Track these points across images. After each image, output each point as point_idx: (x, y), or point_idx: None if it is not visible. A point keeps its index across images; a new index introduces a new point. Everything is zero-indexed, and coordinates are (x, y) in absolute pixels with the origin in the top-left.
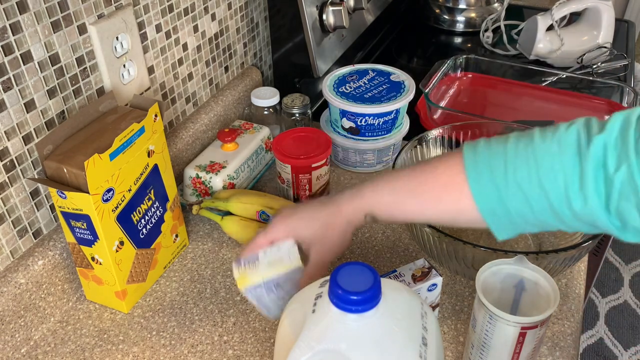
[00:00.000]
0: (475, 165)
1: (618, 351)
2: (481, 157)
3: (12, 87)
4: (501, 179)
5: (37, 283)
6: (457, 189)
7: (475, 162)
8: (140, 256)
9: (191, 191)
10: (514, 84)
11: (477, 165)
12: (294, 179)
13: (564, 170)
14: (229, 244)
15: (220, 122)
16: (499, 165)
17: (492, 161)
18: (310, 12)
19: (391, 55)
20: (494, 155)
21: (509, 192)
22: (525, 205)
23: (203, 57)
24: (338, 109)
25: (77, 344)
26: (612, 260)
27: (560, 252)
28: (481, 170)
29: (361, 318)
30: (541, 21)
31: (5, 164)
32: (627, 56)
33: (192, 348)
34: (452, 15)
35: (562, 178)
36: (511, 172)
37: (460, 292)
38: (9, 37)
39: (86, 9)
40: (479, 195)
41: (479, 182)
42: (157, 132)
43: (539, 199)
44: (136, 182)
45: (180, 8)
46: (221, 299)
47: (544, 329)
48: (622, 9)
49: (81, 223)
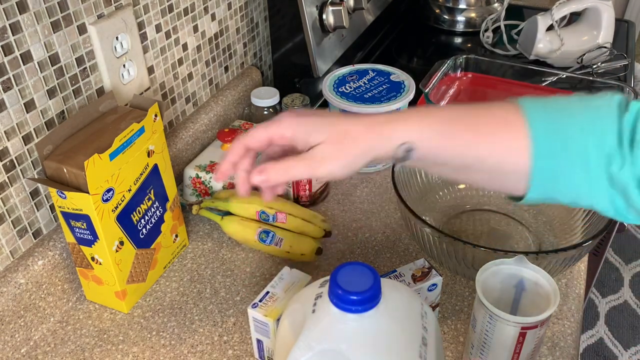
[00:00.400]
0: (536, 111)
1: (618, 351)
2: (541, 105)
3: (12, 87)
4: (559, 125)
5: (37, 283)
6: (514, 127)
7: (535, 108)
8: (140, 256)
9: (191, 191)
10: (514, 84)
11: (538, 111)
12: None
13: (611, 131)
14: (229, 244)
15: (220, 122)
16: (557, 114)
17: (551, 110)
18: (310, 12)
19: (391, 55)
20: (553, 105)
21: (566, 141)
22: (578, 157)
23: (203, 57)
24: (338, 109)
25: (77, 344)
26: (612, 260)
27: (560, 252)
28: (541, 115)
29: (361, 318)
30: (541, 21)
31: (5, 164)
32: (627, 56)
33: (192, 348)
34: (452, 15)
35: (611, 138)
36: (568, 122)
37: (460, 292)
38: (9, 37)
39: (86, 9)
40: (537, 136)
41: (538, 123)
42: (157, 132)
43: (589, 154)
44: (136, 182)
45: (180, 8)
46: (221, 299)
47: (544, 329)
48: (622, 9)
49: (81, 223)
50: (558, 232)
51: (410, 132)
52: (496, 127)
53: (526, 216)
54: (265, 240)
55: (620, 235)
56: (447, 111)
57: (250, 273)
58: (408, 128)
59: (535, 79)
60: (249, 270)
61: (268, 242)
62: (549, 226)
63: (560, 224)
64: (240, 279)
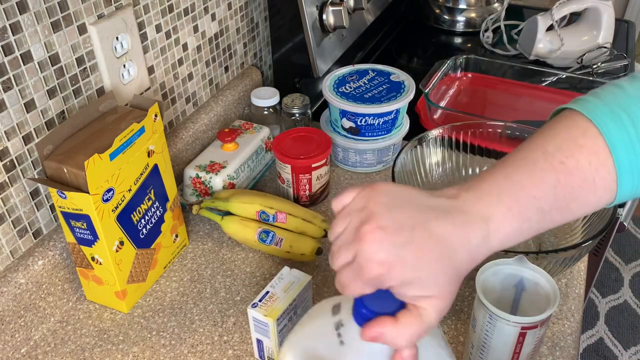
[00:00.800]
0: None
1: (618, 351)
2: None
3: (12, 87)
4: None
5: (37, 283)
6: (606, 185)
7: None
8: (140, 256)
9: (191, 191)
10: (513, 84)
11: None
12: (294, 179)
13: None
14: (229, 244)
15: (220, 122)
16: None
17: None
18: (310, 12)
19: (391, 55)
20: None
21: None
22: None
23: (203, 57)
24: (338, 109)
25: (77, 344)
26: (612, 260)
27: (560, 252)
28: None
29: None
30: (541, 21)
31: (5, 164)
32: (627, 56)
33: (192, 348)
34: (452, 15)
35: None
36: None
37: (460, 292)
38: (9, 37)
39: (86, 9)
40: (621, 167)
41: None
42: (157, 132)
43: None
44: (136, 182)
45: (180, 8)
46: (221, 299)
47: (544, 329)
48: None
49: (81, 223)
50: (558, 232)
51: (499, 240)
52: (585, 191)
53: None
54: (265, 240)
55: (620, 235)
56: (536, 198)
57: (250, 273)
58: (503, 238)
59: (535, 79)
60: (249, 270)
61: (268, 242)
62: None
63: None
64: (240, 279)
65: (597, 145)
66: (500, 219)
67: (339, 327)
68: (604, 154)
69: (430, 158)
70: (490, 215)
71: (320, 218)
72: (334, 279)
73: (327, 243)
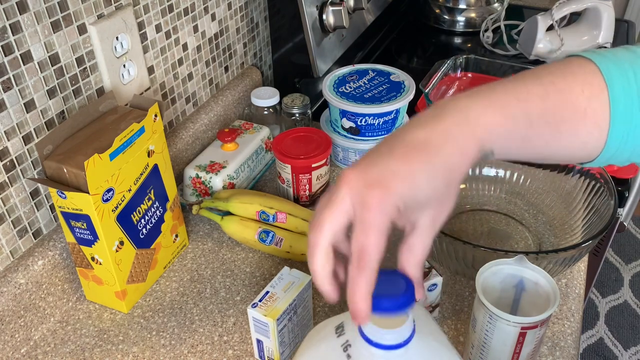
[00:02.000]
0: (612, 73)
1: (618, 351)
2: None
3: (12, 87)
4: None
5: (37, 283)
6: (597, 120)
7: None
8: (140, 256)
9: (191, 191)
10: None
11: (614, 73)
12: (294, 179)
13: None
14: (229, 244)
15: (220, 122)
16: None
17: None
18: (310, 12)
19: (391, 55)
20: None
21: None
22: None
23: (203, 57)
24: (338, 109)
25: (77, 344)
26: (612, 260)
27: (560, 252)
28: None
29: (406, 349)
30: (541, 21)
31: (5, 164)
32: None
33: (192, 348)
34: (452, 15)
35: None
36: None
37: (460, 292)
38: (9, 37)
39: (86, 9)
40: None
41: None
42: (157, 132)
43: None
44: (136, 182)
45: (180, 8)
46: (221, 299)
47: (544, 329)
48: (622, 9)
49: (81, 223)
50: (558, 232)
51: (487, 141)
52: (578, 123)
53: (526, 216)
54: (265, 240)
55: (620, 235)
56: (522, 100)
57: (250, 273)
58: (492, 129)
59: None
60: (249, 270)
61: (268, 242)
62: (549, 226)
63: (560, 224)
64: (240, 279)
65: (594, 78)
66: (479, 110)
67: (347, 349)
68: (599, 87)
69: None
70: (468, 106)
71: None
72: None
73: None
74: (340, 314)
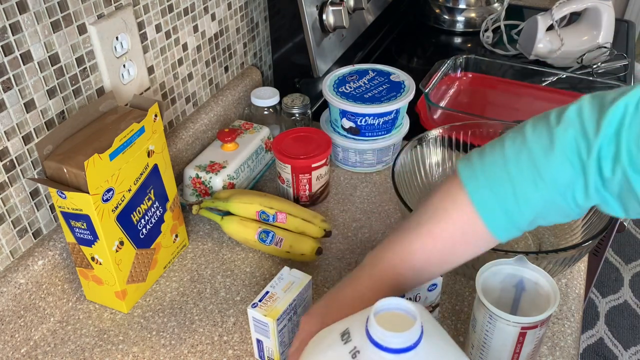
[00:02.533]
0: (477, 190)
1: (618, 351)
2: (480, 177)
3: (12, 87)
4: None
5: (37, 283)
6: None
7: (477, 187)
8: (140, 256)
9: (191, 191)
10: (514, 84)
11: (479, 191)
12: (294, 179)
13: (567, 175)
14: (229, 244)
15: (220, 122)
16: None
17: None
18: (310, 12)
19: (391, 55)
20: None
21: (518, 208)
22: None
23: (203, 57)
24: (338, 109)
25: (77, 344)
26: (612, 260)
27: (560, 252)
28: (484, 194)
29: (416, 351)
30: (541, 21)
31: (5, 164)
32: (627, 56)
33: (192, 348)
34: (452, 15)
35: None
36: (518, 189)
37: (460, 292)
38: (9, 37)
39: (86, 9)
40: (490, 223)
41: (487, 209)
42: (157, 132)
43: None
44: (136, 182)
45: (180, 8)
46: (221, 299)
47: (544, 329)
48: (622, 9)
49: (81, 223)
50: (558, 232)
51: (387, 277)
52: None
53: None
54: (265, 240)
55: (620, 235)
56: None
57: (250, 273)
58: (383, 274)
59: (535, 79)
60: (249, 270)
61: (268, 242)
62: (549, 226)
63: (560, 224)
64: (240, 279)
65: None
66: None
67: (356, 355)
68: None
69: (430, 158)
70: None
71: (320, 218)
72: (334, 279)
73: (327, 243)
74: (343, 320)
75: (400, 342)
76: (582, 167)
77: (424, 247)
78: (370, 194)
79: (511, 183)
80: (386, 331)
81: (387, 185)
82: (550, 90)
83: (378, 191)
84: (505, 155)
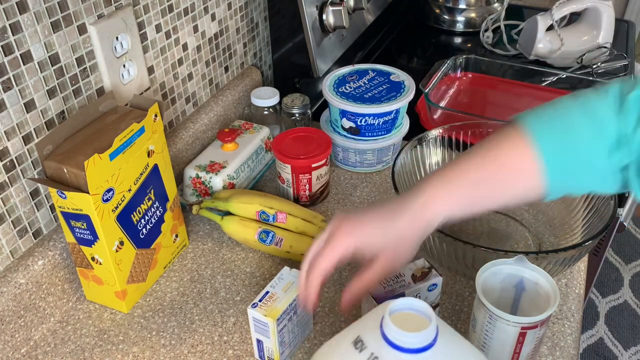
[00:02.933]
0: (542, 135)
1: (618, 351)
2: (546, 127)
3: (12, 87)
4: (566, 144)
5: (37, 283)
6: (527, 166)
7: (540, 132)
8: (140, 256)
9: (191, 191)
10: (514, 84)
11: (543, 135)
12: (294, 179)
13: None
14: (229, 244)
15: (220, 122)
16: (562, 134)
17: (556, 130)
18: (310, 12)
19: (391, 55)
20: (556, 124)
21: (574, 157)
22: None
23: (203, 57)
24: (338, 109)
25: (77, 344)
26: (612, 260)
27: (560, 252)
28: (547, 139)
29: (433, 350)
30: (541, 21)
31: (5, 164)
32: (627, 56)
33: (192, 348)
34: (452, 15)
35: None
36: (572, 139)
37: (460, 292)
38: (9, 37)
39: (86, 9)
40: (549, 164)
41: (548, 152)
42: (157, 132)
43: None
44: (136, 182)
45: (180, 8)
46: (221, 299)
47: (544, 329)
48: (622, 9)
49: (81, 223)
50: (558, 232)
51: (445, 212)
52: (511, 175)
53: (526, 216)
54: (265, 240)
55: (620, 235)
56: (464, 173)
57: (250, 273)
58: (442, 210)
59: (535, 79)
60: (249, 270)
61: (268, 242)
62: (549, 226)
63: (560, 224)
64: (240, 279)
65: (523, 141)
66: (436, 198)
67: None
68: (528, 147)
69: (430, 158)
70: (429, 192)
71: (320, 218)
72: (333, 278)
73: None
74: (348, 328)
75: (417, 341)
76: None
77: (495, 201)
78: (370, 194)
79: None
80: (403, 331)
81: (387, 186)
82: (550, 90)
83: (378, 191)
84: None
